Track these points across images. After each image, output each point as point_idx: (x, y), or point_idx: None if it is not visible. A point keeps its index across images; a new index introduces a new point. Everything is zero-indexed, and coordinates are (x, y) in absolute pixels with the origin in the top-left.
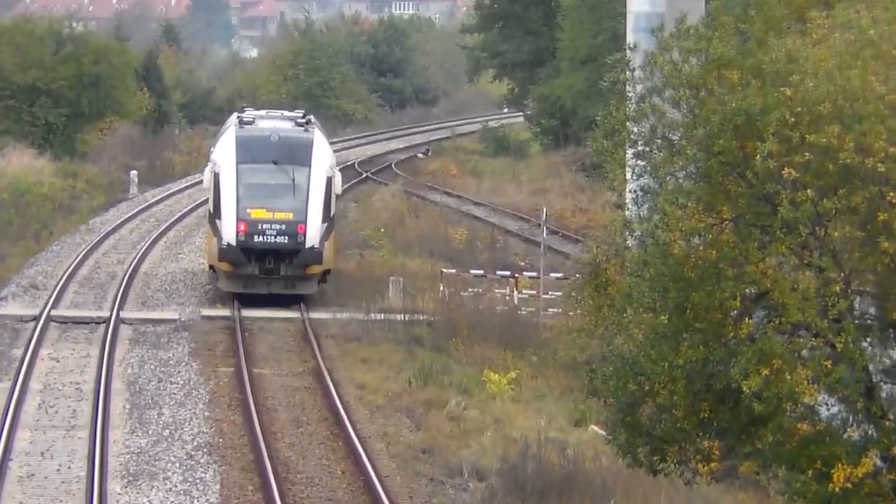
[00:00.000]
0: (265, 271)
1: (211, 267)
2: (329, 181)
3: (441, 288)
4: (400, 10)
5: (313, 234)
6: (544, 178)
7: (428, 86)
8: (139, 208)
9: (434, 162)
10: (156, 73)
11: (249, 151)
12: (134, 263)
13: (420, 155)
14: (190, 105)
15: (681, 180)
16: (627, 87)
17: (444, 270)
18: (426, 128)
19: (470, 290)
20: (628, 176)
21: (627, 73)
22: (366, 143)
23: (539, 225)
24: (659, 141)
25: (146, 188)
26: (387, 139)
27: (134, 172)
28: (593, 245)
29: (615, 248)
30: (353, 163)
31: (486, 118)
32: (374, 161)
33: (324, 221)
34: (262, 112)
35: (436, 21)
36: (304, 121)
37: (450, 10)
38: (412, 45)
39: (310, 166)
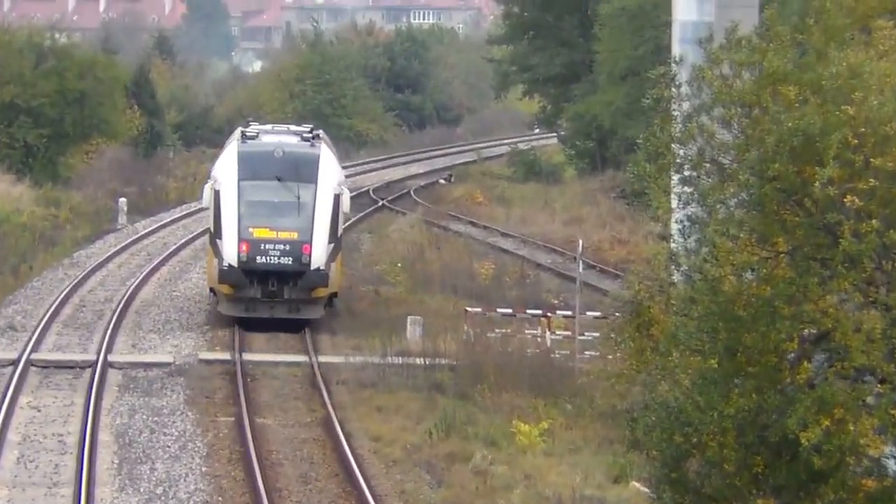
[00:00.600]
0: (268, 294)
1: (211, 290)
2: (336, 199)
3: (465, 328)
4: (419, 19)
5: (319, 255)
6: (580, 206)
7: (450, 103)
8: (129, 240)
9: (457, 188)
10: (147, 89)
11: (252, 167)
12: (123, 301)
13: (442, 181)
14: (186, 125)
15: (732, 209)
16: (672, 104)
17: (469, 309)
18: (448, 150)
19: (497, 330)
20: (674, 204)
21: (672, 89)
22: (381, 168)
23: (574, 258)
24: (707, 165)
25: (136, 218)
26: (405, 163)
27: (123, 200)
28: (635, 281)
29: (659, 285)
30: (368, 189)
31: (515, 139)
32: (391, 187)
33: (330, 242)
34: (268, 126)
35: (459, 31)
36: (310, 135)
37: (474, 20)
38: (433, 58)
39: (316, 183)
